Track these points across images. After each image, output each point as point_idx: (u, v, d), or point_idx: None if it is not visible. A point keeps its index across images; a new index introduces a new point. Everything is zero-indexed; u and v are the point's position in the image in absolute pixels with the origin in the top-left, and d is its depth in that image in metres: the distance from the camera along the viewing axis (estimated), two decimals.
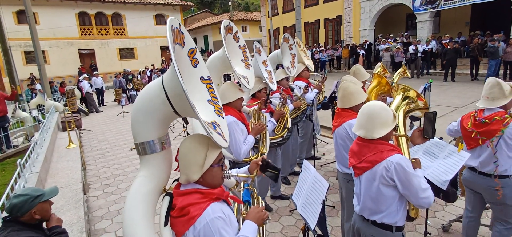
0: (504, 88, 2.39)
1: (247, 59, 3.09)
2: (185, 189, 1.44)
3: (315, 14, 20.79)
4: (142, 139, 1.47)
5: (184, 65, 1.55)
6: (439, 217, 3.54)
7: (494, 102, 2.41)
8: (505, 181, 2.44)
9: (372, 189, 1.90)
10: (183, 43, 1.51)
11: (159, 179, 1.51)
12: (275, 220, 3.77)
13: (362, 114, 1.94)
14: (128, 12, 23.53)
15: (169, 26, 1.29)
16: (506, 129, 2.33)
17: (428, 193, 1.77)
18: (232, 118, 2.74)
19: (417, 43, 13.09)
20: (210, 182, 1.46)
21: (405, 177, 1.76)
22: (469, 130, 2.54)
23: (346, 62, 17.51)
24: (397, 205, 1.88)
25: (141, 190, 1.45)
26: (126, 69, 15.88)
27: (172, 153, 1.63)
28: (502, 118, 2.34)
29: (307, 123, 4.76)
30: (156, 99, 1.42)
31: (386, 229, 1.92)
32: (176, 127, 8.98)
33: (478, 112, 2.55)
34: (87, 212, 4.21)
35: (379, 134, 1.85)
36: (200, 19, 36.72)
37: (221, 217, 1.37)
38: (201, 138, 1.48)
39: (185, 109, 1.40)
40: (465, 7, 13.90)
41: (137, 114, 1.48)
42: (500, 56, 10.45)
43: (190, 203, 1.37)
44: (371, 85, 2.96)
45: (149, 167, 1.49)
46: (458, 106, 7.88)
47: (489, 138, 2.40)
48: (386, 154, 1.82)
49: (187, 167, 1.42)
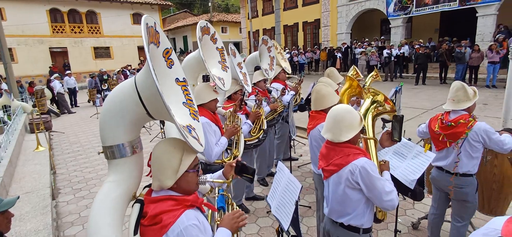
0: (468, 91, 2.53)
1: (225, 61, 3.08)
2: (157, 195, 1.37)
3: (294, 17, 21.09)
4: (111, 142, 1.38)
5: (159, 65, 1.49)
6: (409, 215, 3.69)
7: (459, 104, 2.53)
8: (469, 180, 2.58)
9: (338, 192, 1.93)
10: (158, 43, 1.46)
11: (129, 185, 1.42)
12: (252, 221, 3.78)
13: (329, 118, 1.97)
14: (103, 10, 22.73)
15: (144, 24, 1.24)
16: (470, 132, 2.46)
17: (392, 196, 1.82)
18: (205, 119, 2.73)
19: (390, 48, 13.62)
20: (184, 188, 1.41)
21: (369, 180, 1.79)
22: (437, 133, 2.66)
23: (324, 65, 17.88)
24: (363, 207, 1.91)
25: (109, 196, 1.36)
26: (102, 69, 15.32)
27: (144, 157, 1.56)
28: (466, 121, 2.47)
29: (284, 125, 4.81)
30: (127, 100, 1.35)
31: (353, 231, 1.96)
32: (154, 128, 8.79)
33: (445, 115, 2.67)
34: (56, 218, 4.02)
35: (346, 138, 1.88)
36: (179, 19, 36.20)
37: (196, 224, 1.32)
38: (176, 142, 1.42)
39: (159, 111, 1.34)
40: (434, 14, 14.63)
41: (106, 116, 1.40)
42: (466, 61, 11.08)
43: (163, 210, 1.30)
44: (343, 88, 3.04)
45: (118, 172, 1.41)
46: (428, 108, 8.26)
47: (455, 140, 2.53)
48: (352, 158, 1.85)
49: (161, 172, 1.36)
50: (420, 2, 13.76)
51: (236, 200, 3.96)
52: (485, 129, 2.44)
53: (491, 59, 10.30)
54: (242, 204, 3.98)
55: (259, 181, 4.70)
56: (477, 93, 2.60)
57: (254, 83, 4.18)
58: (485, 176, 2.90)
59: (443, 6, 13.04)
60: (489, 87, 10.48)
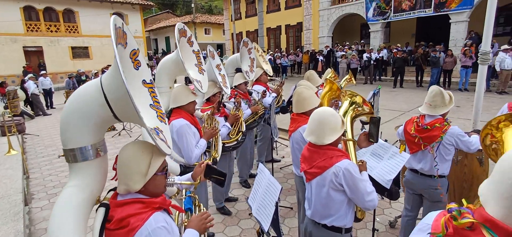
0: (445, 97, 2.60)
1: (201, 64, 3.08)
2: (123, 199, 1.34)
3: (277, 20, 21.29)
4: (73, 145, 1.34)
5: (126, 67, 1.47)
6: (387, 214, 3.80)
7: (436, 109, 2.61)
8: (443, 181, 2.68)
9: (322, 194, 1.95)
10: (126, 44, 1.44)
11: (92, 189, 1.38)
12: (235, 223, 3.77)
13: (313, 120, 1.99)
14: (81, 9, 21.99)
15: (112, 24, 1.22)
16: (445, 136, 2.54)
17: (373, 196, 1.88)
18: (184, 121, 2.70)
19: (370, 51, 14.03)
20: (152, 191, 1.39)
21: (353, 182, 1.83)
22: (412, 135, 2.71)
23: (306, 67, 18.14)
24: (346, 208, 1.95)
25: (71, 201, 1.30)
26: (80, 70, 14.82)
27: (108, 160, 1.53)
28: (442, 125, 2.55)
29: (266, 127, 4.84)
30: (92, 102, 1.32)
31: (336, 232, 2.00)
32: (134, 131, 8.59)
33: (420, 118, 2.73)
34: (29, 225, 3.85)
35: (329, 140, 1.91)
36: (161, 20, 35.68)
37: (164, 227, 1.32)
38: (144, 145, 1.40)
39: (126, 113, 1.32)
40: (411, 20, 15.19)
41: (68, 118, 1.35)
42: (440, 65, 11.56)
43: (130, 214, 1.28)
44: (324, 90, 3.11)
45: (80, 176, 1.36)
46: (405, 110, 8.55)
47: (430, 143, 2.60)
48: (335, 160, 1.88)
49: (128, 176, 1.34)
50: (398, 8, 14.25)
51: (217, 202, 3.95)
52: (457, 133, 2.55)
53: (464, 64, 10.80)
54: (224, 206, 3.97)
55: (241, 183, 4.70)
56: (453, 99, 2.68)
57: (235, 86, 4.18)
58: (456, 176, 3.04)
59: (419, 12, 13.57)
60: (462, 90, 10.99)
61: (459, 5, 12.26)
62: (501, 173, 0.88)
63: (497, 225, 0.84)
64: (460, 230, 0.92)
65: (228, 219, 3.87)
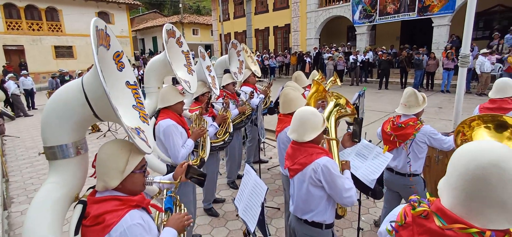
0: (418, 98, 2.76)
1: (190, 65, 3.07)
2: (101, 196, 1.36)
3: (265, 21, 21.36)
4: (53, 143, 1.37)
5: (108, 68, 1.51)
6: (372, 213, 3.88)
7: (410, 109, 2.77)
8: (416, 179, 2.80)
9: (302, 190, 2.02)
10: (109, 46, 1.48)
11: (71, 186, 1.40)
12: (222, 225, 3.76)
13: (295, 119, 2.06)
14: (65, 7, 21.42)
15: (93, 26, 1.25)
16: (417, 133, 2.68)
17: (350, 193, 1.94)
18: (171, 121, 2.69)
19: (356, 53, 14.28)
20: (130, 189, 1.41)
21: (331, 178, 1.90)
22: (388, 133, 2.87)
23: (294, 69, 18.27)
24: (325, 204, 2.01)
25: (49, 197, 1.32)
26: (62, 69, 14.42)
27: (89, 159, 1.54)
28: (415, 124, 2.70)
29: (254, 128, 4.85)
30: (73, 101, 1.36)
31: (316, 227, 2.05)
32: (120, 132, 8.44)
33: (396, 117, 2.89)
34: (8, 230, 3.72)
35: (309, 137, 1.98)
36: (148, 20, 35.21)
37: (140, 224, 1.32)
38: (122, 143, 1.43)
39: (106, 112, 1.36)
40: (396, 23, 15.55)
41: (49, 116, 1.38)
42: (424, 68, 11.88)
43: (107, 210, 1.30)
44: (310, 91, 3.15)
45: (60, 174, 1.39)
46: (390, 111, 8.74)
47: (404, 141, 2.74)
48: (315, 157, 1.95)
49: (106, 173, 1.36)
50: (383, 11, 14.56)
51: (205, 203, 3.94)
52: (429, 131, 2.69)
53: (446, 66, 11.14)
54: (212, 207, 3.95)
55: (229, 184, 4.70)
56: (426, 100, 2.85)
57: (223, 86, 4.18)
58: (437, 174, 3.14)
59: (403, 15, 13.91)
60: (444, 92, 11.32)
61: (441, 10, 12.64)
62: (451, 166, 0.97)
63: (445, 213, 0.94)
64: (416, 218, 1.01)
65: (215, 220, 3.85)
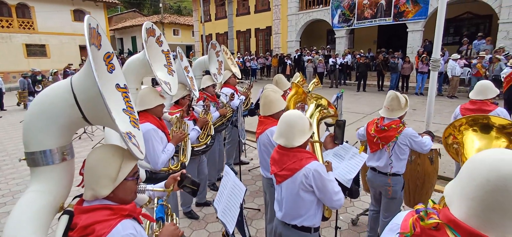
0: (401, 101, 2.82)
1: (171, 65, 3.01)
2: (90, 205, 1.27)
3: (246, 23, 21.40)
4: (36, 148, 1.26)
5: (99, 69, 1.43)
6: (350, 212, 3.98)
7: (393, 113, 2.83)
8: (397, 179, 2.89)
9: (293, 196, 1.98)
10: (100, 46, 1.40)
11: (56, 195, 1.29)
12: (202, 227, 3.73)
13: (282, 123, 2.02)
14: (38, 4, 20.49)
15: (86, 24, 1.19)
16: (400, 136, 2.76)
17: (340, 195, 1.96)
18: (151, 125, 2.62)
19: (335, 56, 14.60)
20: (121, 197, 1.34)
21: (322, 183, 1.89)
22: (372, 135, 2.94)
23: (275, 71, 18.42)
24: (315, 208, 2.01)
25: (31, 207, 1.21)
26: (34, 69, 13.75)
27: (75, 165, 1.45)
28: (397, 126, 2.78)
29: (235, 130, 4.85)
30: (60, 102, 1.26)
31: (305, 232, 2.05)
32: (96, 134, 8.17)
33: (380, 119, 2.96)
34: None
35: (298, 142, 1.95)
36: (127, 19, 34.28)
37: (133, 234, 1.26)
38: (114, 149, 1.35)
39: (98, 115, 1.27)
40: (373, 27, 16.07)
41: (33, 118, 1.27)
42: (399, 71, 12.34)
43: (97, 220, 1.21)
44: (290, 93, 3.19)
45: (43, 181, 1.28)
46: (367, 113, 9.00)
47: (387, 143, 2.82)
48: (305, 162, 1.92)
49: (96, 181, 1.27)
50: (361, 15, 15.00)
51: (184, 207, 3.88)
52: (411, 134, 2.77)
53: (420, 70, 11.62)
54: (191, 210, 3.91)
55: (210, 186, 4.66)
56: (408, 103, 2.92)
57: (203, 88, 4.15)
58: (410, 174, 3.27)
59: (380, 20, 14.41)
60: (418, 94, 11.79)
61: (415, 15, 13.20)
62: (468, 176, 0.89)
63: (459, 226, 0.86)
64: (427, 230, 0.95)
65: (195, 223, 3.82)
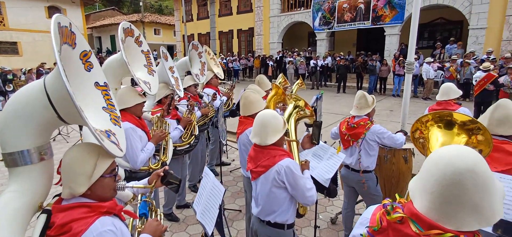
0: (368, 100, 3.00)
1: (151, 65, 2.98)
2: (67, 203, 1.27)
3: (229, 24, 21.36)
4: (13, 148, 1.26)
5: (74, 68, 1.42)
6: (329, 211, 4.07)
7: (361, 110, 3.00)
8: (369, 175, 3.02)
9: (266, 191, 2.06)
10: (74, 44, 1.39)
11: (34, 194, 1.30)
12: (182, 229, 3.70)
13: (256, 123, 2.09)
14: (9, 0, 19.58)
15: (55, 22, 1.17)
16: (368, 132, 2.91)
17: (312, 192, 2.04)
18: (129, 124, 2.60)
19: (316, 58, 14.87)
20: (99, 195, 1.33)
21: (293, 179, 1.97)
22: (343, 133, 3.09)
23: (257, 72, 18.49)
24: (288, 205, 2.08)
25: (9, 206, 1.21)
26: (4, 67, 13.09)
27: (54, 164, 1.44)
28: (365, 124, 2.93)
29: (216, 130, 4.84)
30: (35, 102, 1.27)
31: (278, 228, 2.11)
32: (72, 135, 7.90)
33: (350, 118, 3.11)
34: None
35: (272, 141, 2.02)
36: (106, 17, 33.33)
37: (111, 230, 1.25)
38: (90, 146, 1.35)
39: (72, 114, 1.28)
40: (352, 31, 16.50)
41: (9, 119, 1.28)
42: (377, 73, 12.73)
43: (74, 218, 1.21)
44: (270, 94, 3.24)
45: (21, 181, 1.28)
46: (347, 114, 9.15)
47: (356, 139, 2.97)
48: (278, 159, 2.00)
49: (72, 179, 1.28)
50: (341, 19, 15.35)
51: (166, 208, 3.84)
52: (378, 130, 2.93)
53: (397, 72, 12.04)
54: (172, 212, 3.86)
55: (191, 188, 4.62)
56: (375, 101, 3.10)
57: (184, 88, 4.12)
58: (386, 173, 3.40)
59: (359, 24, 14.82)
60: (395, 96, 12.21)
61: (392, 20, 13.68)
62: (427, 171, 0.95)
63: (421, 219, 0.93)
64: (392, 223, 1.01)
65: (175, 225, 3.77)
